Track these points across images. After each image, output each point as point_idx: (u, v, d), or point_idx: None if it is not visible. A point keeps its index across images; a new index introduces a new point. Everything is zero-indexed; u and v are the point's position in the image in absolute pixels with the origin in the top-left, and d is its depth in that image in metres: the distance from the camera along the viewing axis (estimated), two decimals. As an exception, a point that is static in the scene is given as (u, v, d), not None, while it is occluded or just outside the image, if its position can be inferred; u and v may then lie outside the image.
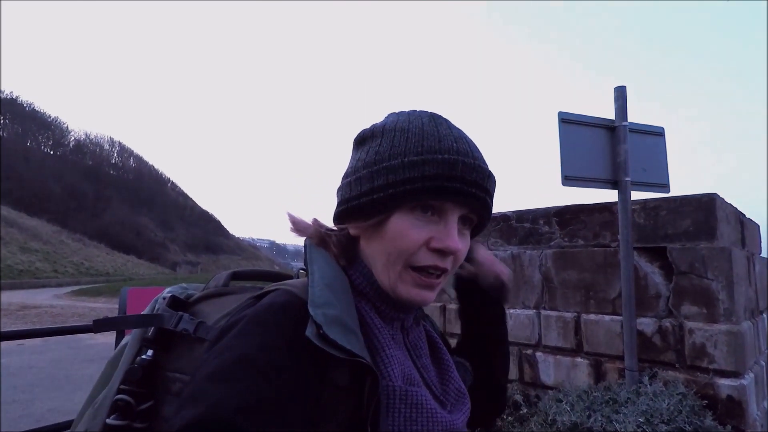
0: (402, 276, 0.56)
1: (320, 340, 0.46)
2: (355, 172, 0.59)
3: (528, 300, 3.67)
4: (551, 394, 3.08)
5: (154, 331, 0.60)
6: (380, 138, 0.59)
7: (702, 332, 2.76)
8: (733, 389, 2.61)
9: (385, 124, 0.61)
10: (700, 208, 2.89)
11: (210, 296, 0.65)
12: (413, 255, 0.55)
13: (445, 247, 0.55)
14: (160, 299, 0.65)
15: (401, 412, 0.52)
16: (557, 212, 3.61)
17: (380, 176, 0.55)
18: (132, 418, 0.56)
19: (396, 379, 0.53)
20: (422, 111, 0.62)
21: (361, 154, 0.60)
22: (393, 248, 0.56)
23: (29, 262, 30.07)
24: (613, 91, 3.03)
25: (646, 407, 2.49)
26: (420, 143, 0.55)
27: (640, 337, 2.95)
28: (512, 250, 3.84)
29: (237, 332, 0.48)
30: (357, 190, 0.57)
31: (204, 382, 0.43)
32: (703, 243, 2.85)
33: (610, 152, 2.98)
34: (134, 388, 0.57)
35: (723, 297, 2.74)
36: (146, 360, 0.58)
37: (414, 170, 0.54)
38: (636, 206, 3.12)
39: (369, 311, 0.57)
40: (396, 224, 0.55)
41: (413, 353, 0.62)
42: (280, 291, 0.55)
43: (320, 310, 0.48)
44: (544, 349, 3.52)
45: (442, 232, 0.55)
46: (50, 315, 12.23)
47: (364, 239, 0.60)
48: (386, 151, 0.56)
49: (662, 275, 3.00)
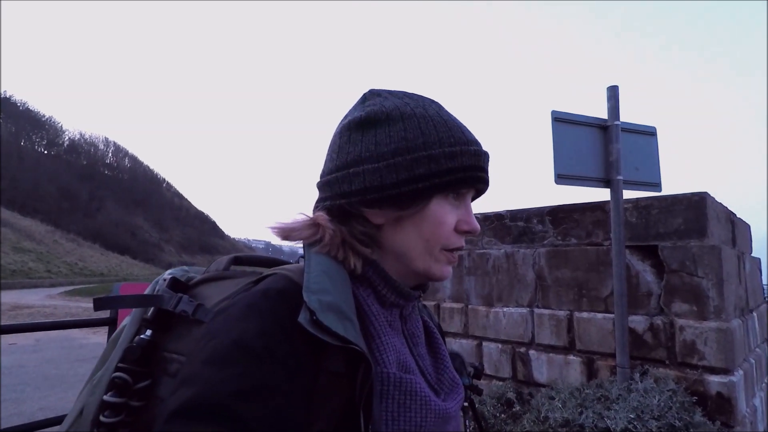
0: (437, 257, 0.60)
1: (313, 326, 0.46)
2: (380, 158, 0.56)
3: (521, 298, 3.69)
4: (544, 391, 3.10)
5: (154, 312, 0.60)
6: (401, 122, 0.58)
7: (692, 329, 2.78)
8: (723, 386, 2.63)
9: (397, 107, 0.59)
10: (691, 207, 2.92)
11: (210, 279, 0.65)
12: (448, 238, 0.60)
13: (472, 230, 0.61)
14: (161, 280, 0.66)
15: (395, 398, 0.52)
16: (550, 211, 3.63)
17: (420, 165, 0.56)
18: (129, 396, 0.56)
19: (391, 366, 0.54)
20: (420, 95, 0.63)
21: (378, 138, 0.57)
22: (432, 234, 0.59)
23: (22, 262, 29.81)
24: (606, 90, 3.06)
25: (637, 404, 2.51)
26: (449, 133, 0.58)
27: (632, 334, 2.97)
28: (506, 248, 3.85)
29: (233, 316, 0.48)
30: (393, 177, 0.55)
31: (200, 365, 0.44)
32: (694, 241, 2.88)
33: (602, 151, 3.00)
34: (132, 366, 0.57)
35: (713, 295, 2.76)
36: (145, 340, 0.59)
37: (454, 161, 0.57)
38: (628, 205, 3.14)
39: (367, 297, 0.57)
40: (435, 211, 0.58)
41: (410, 341, 0.63)
42: (278, 276, 0.55)
43: (315, 296, 0.48)
44: (537, 347, 3.54)
45: (466, 215, 0.61)
46: (43, 315, 12.13)
47: (392, 227, 0.59)
48: (418, 139, 0.57)
49: (654, 273, 3.02)
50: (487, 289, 3.93)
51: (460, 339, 4.06)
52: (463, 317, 4.07)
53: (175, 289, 0.63)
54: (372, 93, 0.64)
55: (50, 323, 2.08)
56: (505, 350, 3.72)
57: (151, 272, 46.61)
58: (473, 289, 4.04)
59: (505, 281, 3.81)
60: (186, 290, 0.64)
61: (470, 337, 4.00)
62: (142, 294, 0.64)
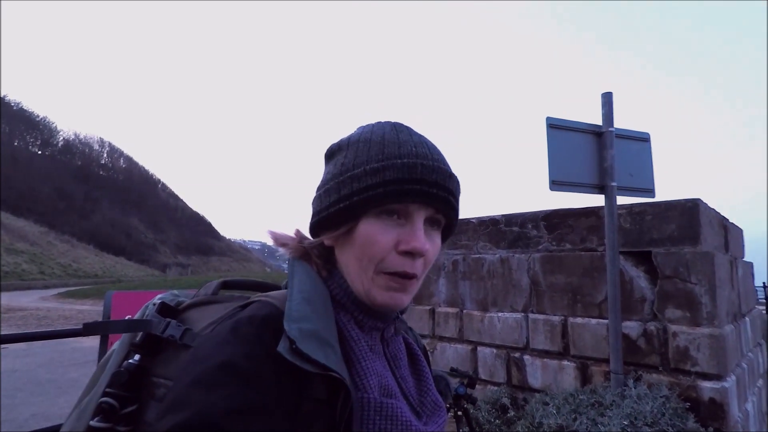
0: (375, 280, 0.57)
1: (292, 354, 0.46)
2: (324, 184, 0.62)
3: (516, 303, 3.70)
4: (538, 397, 3.10)
5: (143, 336, 0.61)
6: (346, 150, 0.62)
7: (685, 335, 2.80)
8: (716, 392, 2.65)
9: (351, 136, 0.64)
10: (685, 213, 2.94)
11: (198, 304, 0.66)
12: (383, 260, 0.57)
13: (412, 248, 0.56)
14: (150, 305, 0.66)
15: (376, 423, 0.53)
16: (545, 216, 3.64)
17: (345, 186, 0.58)
18: (115, 421, 0.56)
19: (372, 391, 0.54)
20: (386, 121, 0.65)
21: (329, 168, 0.63)
22: (363, 254, 0.57)
23: (15, 263, 29.57)
24: (600, 96, 3.08)
25: (631, 410, 2.52)
26: (381, 151, 0.58)
27: (626, 340, 2.98)
28: (501, 253, 3.86)
29: (218, 341, 0.49)
30: (326, 201, 0.60)
31: (187, 388, 0.44)
32: (687, 247, 2.90)
33: (597, 157, 3.02)
34: (120, 391, 0.57)
35: (706, 301, 2.78)
36: (133, 364, 0.59)
37: (375, 176, 0.56)
38: (622, 211, 3.16)
39: (347, 323, 0.58)
40: (364, 230, 0.57)
41: (392, 363, 0.63)
42: (262, 303, 0.56)
43: (296, 324, 0.49)
44: (531, 352, 3.54)
45: (409, 234, 0.56)
46: (35, 318, 12.04)
47: (338, 248, 0.62)
48: (350, 162, 0.59)
49: (647, 279, 3.04)
50: (482, 293, 3.94)
51: (455, 344, 4.07)
52: (458, 322, 4.07)
53: (164, 314, 0.63)
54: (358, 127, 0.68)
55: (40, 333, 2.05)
56: (499, 355, 3.73)
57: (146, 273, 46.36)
58: (468, 294, 4.04)
59: (499, 286, 3.82)
60: (175, 315, 0.65)
61: (465, 341, 4.00)
62: (131, 319, 0.64)
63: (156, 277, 39.33)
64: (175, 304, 0.67)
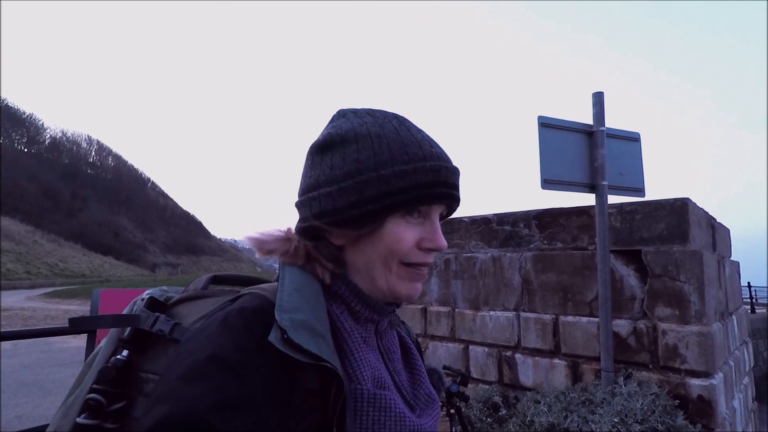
0: (398, 273, 0.59)
1: (284, 344, 0.46)
2: (333, 182, 0.58)
3: (508, 302, 3.71)
4: (529, 395, 3.11)
5: (131, 332, 0.60)
6: (354, 144, 0.58)
7: (674, 333, 2.83)
8: (704, 389, 2.68)
9: (353, 128, 0.60)
10: (674, 213, 2.97)
11: (188, 299, 0.65)
12: (406, 255, 0.59)
13: (436, 247, 0.59)
14: (139, 301, 0.65)
15: (369, 414, 0.53)
16: (537, 215, 3.66)
17: (370, 186, 0.56)
18: (102, 417, 0.55)
19: (365, 382, 0.54)
20: (384, 111, 0.63)
21: (334, 161, 0.59)
22: (389, 252, 0.58)
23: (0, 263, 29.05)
24: (591, 96, 3.10)
25: (621, 407, 2.54)
26: (403, 150, 0.57)
27: (616, 338, 3.01)
28: (492, 252, 3.87)
29: (207, 334, 0.49)
30: (344, 201, 0.56)
31: (175, 382, 0.43)
32: (677, 246, 2.93)
33: (588, 156, 3.04)
34: (107, 387, 0.56)
35: (694, 299, 2.81)
36: (121, 360, 0.58)
37: (406, 179, 0.56)
38: (612, 210, 3.18)
39: (340, 314, 0.58)
40: (391, 230, 0.58)
41: (386, 356, 0.63)
42: (252, 295, 0.55)
43: (287, 314, 0.49)
44: (523, 350, 3.56)
45: (431, 233, 0.59)
46: (21, 318, 11.84)
47: (352, 247, 0.60)
48: (369, 160, 0.57)
49: (637, 278, 3.06)
50: (473, 292, 3.95)
51: (446, 342, 4.07)
52: (450, 321, 4.07)
53: (152, 309, 0.62)
54: (338, 114, 0.65)
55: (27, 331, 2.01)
56: (491, 354, 3.74)
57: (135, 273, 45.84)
58: (460, 293, 4.04)
59: (491, 285, 3.83)
60: (164, 310, 0.64)
61: (457, 340, 4.00)
62: (119, 314, 0.63)
63: (145, 277, 38.91)
64: (164, 299, 0.66)
